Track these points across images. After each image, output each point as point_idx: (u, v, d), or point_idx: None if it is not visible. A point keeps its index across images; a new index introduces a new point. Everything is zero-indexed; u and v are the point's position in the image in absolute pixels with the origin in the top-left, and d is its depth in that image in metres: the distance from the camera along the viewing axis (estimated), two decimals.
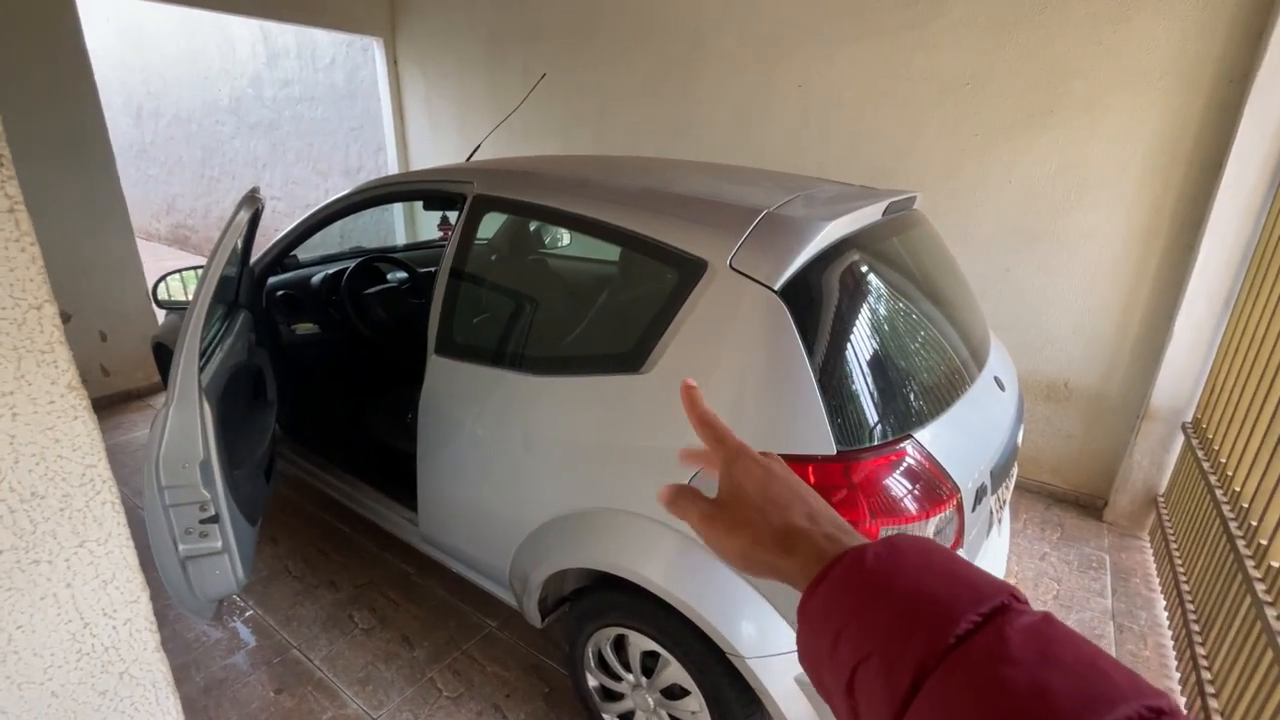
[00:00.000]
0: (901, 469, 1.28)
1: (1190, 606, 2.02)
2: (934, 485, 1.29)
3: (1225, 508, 1.91)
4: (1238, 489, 1.90)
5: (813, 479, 1.24)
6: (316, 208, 2.22)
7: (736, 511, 0.44)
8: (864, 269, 1.44)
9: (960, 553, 1.35)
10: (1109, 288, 2.71)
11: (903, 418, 1.34)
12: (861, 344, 1.35)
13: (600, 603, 1.59)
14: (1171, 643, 2.12)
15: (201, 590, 1.61)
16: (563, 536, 1.55)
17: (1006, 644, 0.29)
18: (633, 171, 1.81)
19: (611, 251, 1.75)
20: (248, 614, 2.19)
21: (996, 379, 1.69)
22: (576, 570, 1.59)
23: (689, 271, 1.38)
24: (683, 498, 0.48)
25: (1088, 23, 2.50)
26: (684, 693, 1.49)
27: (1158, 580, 2.45)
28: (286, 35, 5.98)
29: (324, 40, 5.70)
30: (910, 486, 1.27)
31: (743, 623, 1.31)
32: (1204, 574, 1.98)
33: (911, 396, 1.40)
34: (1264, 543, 1.63)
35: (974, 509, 1.37)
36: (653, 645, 1.49)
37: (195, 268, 2.55)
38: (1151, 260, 2.59)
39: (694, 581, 1.35)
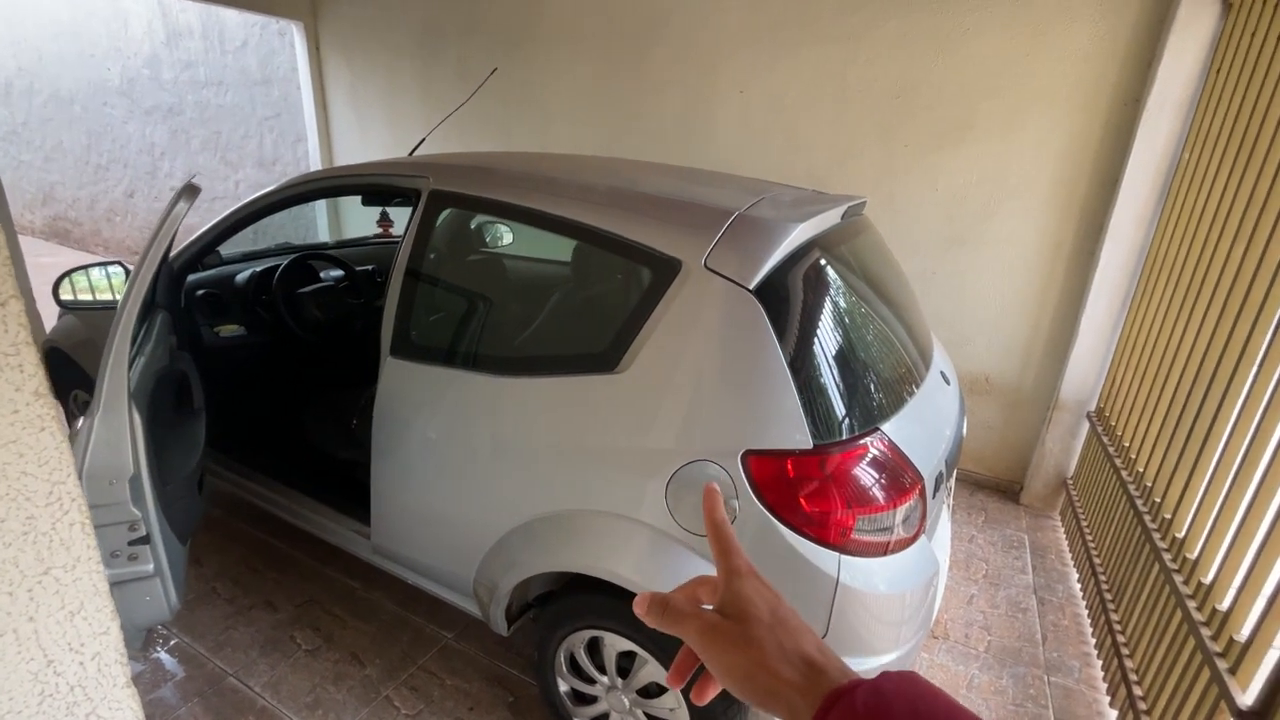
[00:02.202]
0: (870, 460, 1.34)
1: (1103, 577, 2.23)
2: (899, 475, 1.36)
3: (1131, 487, 2.12)
4: (1141, 469, 2.12)
5: (791, 472, 1.28)
6: (246, 200, 2.07)
7: (744, 628, 0.42)
8: (827, 270, 1.50)
9: (922, 538, 1.43)
10: (1023, 289, 2.95)
11: (868, 411, 1.40)
12: (829, 341, 1.41)
13: (574, 606, 1.57)
14: (1086, 611, 2.33)
15: (129, 619, 1.46)
16: (534, 540, 1.52)
17: None
18: (595, 170, 1.80)
19: (575, 250, 1.73)
20: (172, 642, 2.00)
21: (942, 374, 1.80)
22: (542, 575, 1.56)
23: (663, 271, 1.39)
24: (679, 605, 0.45)
25: (1005, 46, 2.71)
26: (661, 690, 1.50)
27: (1070, 555, 2.70)
28: (189, 13, 5.52)
29: (233, 21, 5.31)
30: (878, 476, 1.34)
31: None
32: (1114, 547, 2.20)
33: (874, 391, 1.47)
34: (1168, 517, 1.82)
35: (934, 496, 1.46)
36: (629, 645, 1.49)
37: (101, 264, 2.31)
38: (1060, 264, 2.85)
39: (672, 578, 1.35)
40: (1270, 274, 1.60)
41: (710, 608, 0.46)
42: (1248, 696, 1.27)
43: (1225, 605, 1.45)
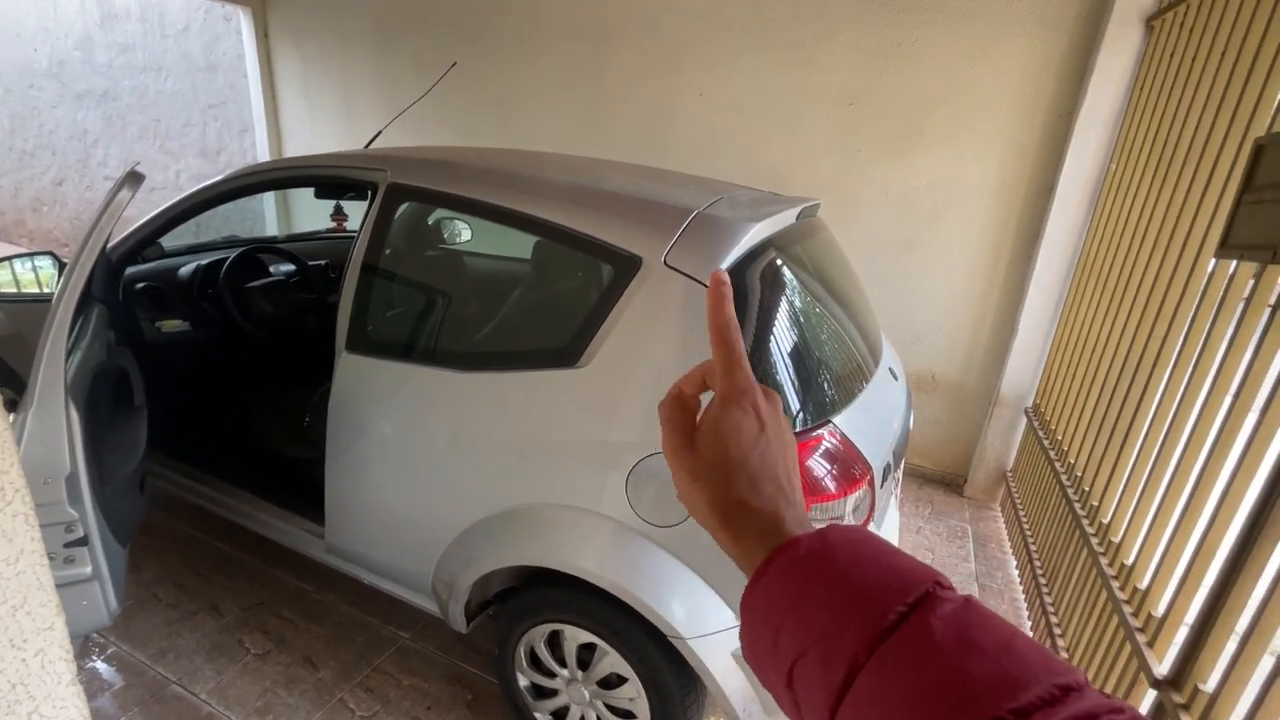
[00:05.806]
0: (822, 451, 1.39)
1: (1038, 563, 2.36)
2: (850, 465, 1.42)
3: (1063, 477, 2.25)
4: (1073, 461, 2.25)
5: None
6: (192, 190, 1.99)
7: (709, 457, 0.40)
8: (783, 269, 1.55)
9: (871, 526, 1.49)
10: (967, 290, 3.09)
11: (820, 404, 1.45)
12: (784, 337, 1.46)
13: (534, 600, 1.57)
14: (1023, 595, 2.46)
15: (67, 625, 1.39)
16: (495, 536, 1.52)
17: (930, 633, 0.30)
18: (557, 167, 1.81)
19: (536, 246, 1.74)
20: (109, 651, 1.92)
21: (890, 370, 1.88)
22: (503, 570, 1.57)
23: (624, 267, 1.41)
24: (675, 411, 0.44)
25: (951, 57, 2.83)
26: (621, 681, 1.52)
27: (1009, 544, 2.84)
28: None
29: (174, 3, 5.07)
30: (830, 467, 1.39)
31: (682, 605, 1.36)
32: (1048, 534, 2.33)
33: (827, 385, 1.52)
34: (1096, 504, 1.95)
35: (882, 486, 1.52)
36: (590, 638, 1.50)
37: (28, 255, 2.18)
38: (1000, 267, 2.99)
39: (633, 569, 1.38)
40: (1184, 280, 1.73)
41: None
42: (1163, 666, 1.38)
43: (1145, 584, 1.56)
